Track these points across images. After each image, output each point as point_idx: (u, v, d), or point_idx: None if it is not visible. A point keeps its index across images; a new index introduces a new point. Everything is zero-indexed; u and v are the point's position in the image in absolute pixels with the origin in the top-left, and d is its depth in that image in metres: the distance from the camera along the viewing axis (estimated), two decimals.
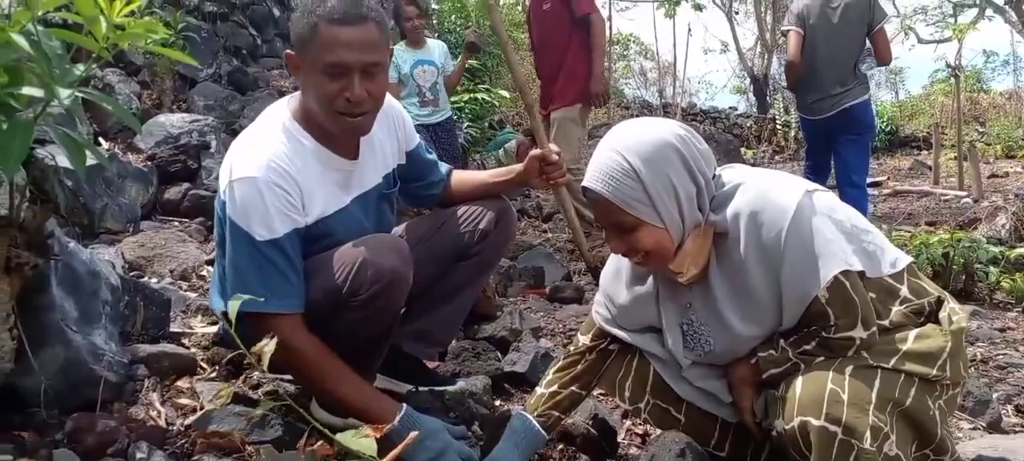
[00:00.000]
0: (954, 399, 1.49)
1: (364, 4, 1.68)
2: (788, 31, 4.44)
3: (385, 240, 1.73)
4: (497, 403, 2.22)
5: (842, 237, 1.43)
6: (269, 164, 1.65)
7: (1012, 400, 2.43)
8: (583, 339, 1.82)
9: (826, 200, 1.48)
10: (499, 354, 2.51)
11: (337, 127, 1.74)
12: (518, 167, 2.09)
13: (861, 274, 1.43)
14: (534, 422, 1.73)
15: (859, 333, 1.42)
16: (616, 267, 1.75)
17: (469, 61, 5.37)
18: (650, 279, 1.66)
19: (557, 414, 1.76)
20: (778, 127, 19.55)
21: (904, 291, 1.50)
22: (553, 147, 2.06)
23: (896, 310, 1.49)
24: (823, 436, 1.34)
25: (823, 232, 1.41)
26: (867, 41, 4.30)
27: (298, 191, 1.68)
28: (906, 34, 22.78)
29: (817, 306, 1.42)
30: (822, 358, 1.45)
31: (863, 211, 4.23)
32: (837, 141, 4.45)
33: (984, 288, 4.03)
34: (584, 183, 1.51)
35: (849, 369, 1.40)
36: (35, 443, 1.41)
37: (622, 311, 1.72)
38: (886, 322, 1.48)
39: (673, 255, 1.50)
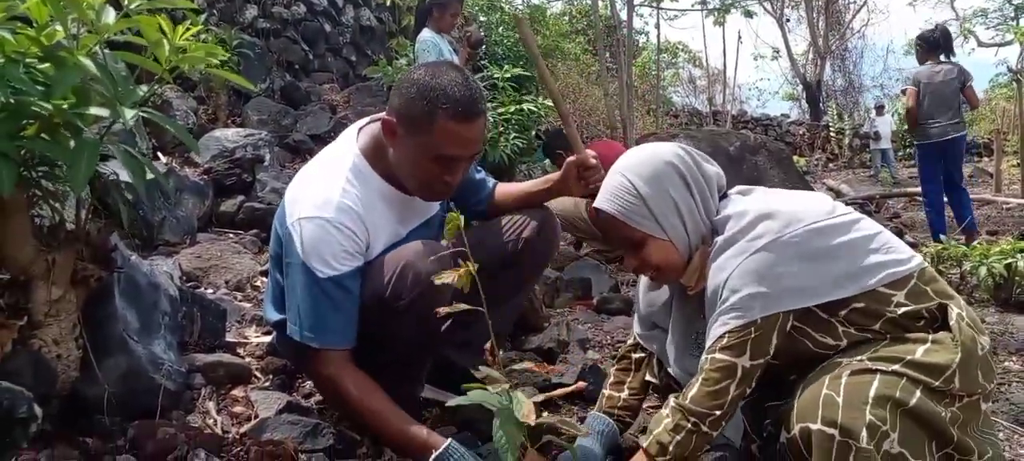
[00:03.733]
0: (974, 406, 1.44)
1: (481, 96, 1.70)
2: (907, 89, 6.39)
3: (426, 246, 1.75)
4: (545, 415, 2.22)
5: (794, 275, 1.45)
6: (340, 206, 1.69)
7: None
8: (630, 339, 1.96)
9: (802, 238, 1.48)
10: (546, 365, 2.51)
11: (422, 195, 1.81)
12: (556, 174, 2.10)
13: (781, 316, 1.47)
14: (608, 418, 1.83)
15: (743, 362, 1.48)
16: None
17: (471, 57, 5.81)
18: (666, 289, 1.80)
19: (626, 413, 1.88)
20: (832, 134, 19.15)
21: (899, 298, 1.48)
22: (590, 152, 2.06)
23: (884, 322, 1.48)
24: (821, 440, 1.34)
25: (772, 274, 1.46)
26: (961, 95, 6.26)
27: (366, 233, 1.72)
28: (965, 37, 22.17)
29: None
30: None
31: (968, 205, 6.30)
32: (945, 160, 6.27)
33: None
34: (594, 205, 1.65)
35: (846, 373, 1.40)
36: (99, 449, 1.46)
37: (644, 313, 1.86)
38: (876, 327, 1.48)
39: (683, 269, 1.62)
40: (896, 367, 1.39)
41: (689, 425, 1.50)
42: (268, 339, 2.32)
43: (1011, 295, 3.79)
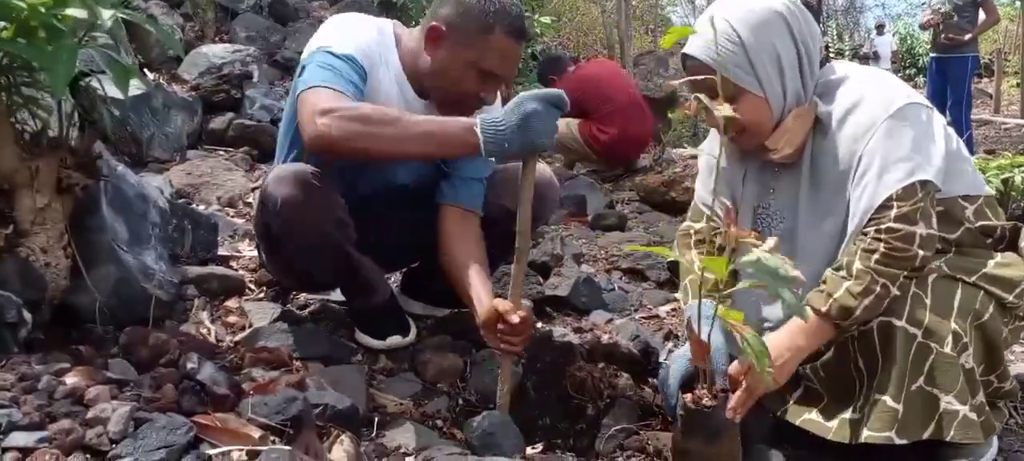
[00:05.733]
0: (1019, 331, 1.46)
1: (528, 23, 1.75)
2: None
3: (288, 169, 1.69)
4: (539, 325, 2.23)
5: (931, 147, 1.38)
6: (361, 47, 1.72)
7: None
8: (683, 225, 1.78)
9: (927, 113, 1.42)
10: (541, 278, 2.52)
11: (447, 108, 1.73)
12: (486, 303, 1.67)
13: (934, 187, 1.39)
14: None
15: (920, 230, 1.34)
16: (712, 143, 1.71)
17: None
18: (740, 161, 1.63)
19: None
20: (831, 55, 18.94)
21: (969, 213, 1.47)
22: (520, 314, 1.59)
23: (963, 230, 1.46)
24: (903, 338, 1.32)
25: (917, 137, 1.36)
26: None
27: (366, 75, 1.70)
28: None
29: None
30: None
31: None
32: None
33: None
34: (685, 51, 1.46)
35: (932, 277, 1.38)
36: (91, 355, 1.46)
37: (703, 194, 1.71)
38: (952, 237, 1.46)
39: (770, 131, 1.47)
40: (974, 279, 1.39)
41: (878, 288, 1.34)
42: None
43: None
